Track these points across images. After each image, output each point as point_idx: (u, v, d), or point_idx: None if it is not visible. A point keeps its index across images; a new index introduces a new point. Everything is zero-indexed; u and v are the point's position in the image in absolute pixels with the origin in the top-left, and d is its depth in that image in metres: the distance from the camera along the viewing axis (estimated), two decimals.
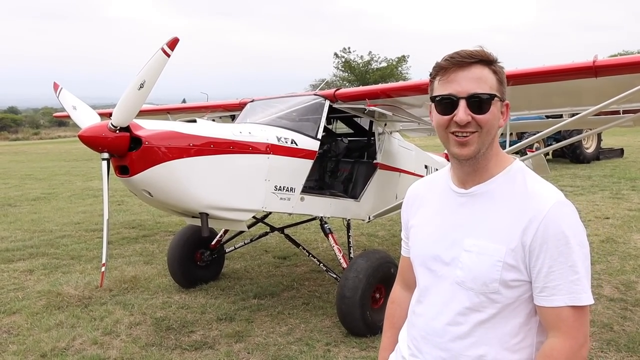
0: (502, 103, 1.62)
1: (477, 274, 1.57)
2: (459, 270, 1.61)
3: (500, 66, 1.60)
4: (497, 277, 1.54)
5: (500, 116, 1.62)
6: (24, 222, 10.36)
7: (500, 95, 1.59)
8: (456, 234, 1.65)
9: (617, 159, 18.91)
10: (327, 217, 5.45)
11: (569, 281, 1.49)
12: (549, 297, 1.51)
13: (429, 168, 7.51)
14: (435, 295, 1.70)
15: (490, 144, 1.61)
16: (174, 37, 3.74)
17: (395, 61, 57.77)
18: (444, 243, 1.67)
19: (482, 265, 1.56)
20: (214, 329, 4.98)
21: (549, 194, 1.56)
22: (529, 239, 1.51)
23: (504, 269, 1.54)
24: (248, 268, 6.96)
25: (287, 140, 4.88)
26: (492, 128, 1.59)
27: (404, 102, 5.57)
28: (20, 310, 5.45)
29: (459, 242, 1.63)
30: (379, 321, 4.76)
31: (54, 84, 5.25)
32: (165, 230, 9.42)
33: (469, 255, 1.60)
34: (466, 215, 1.65)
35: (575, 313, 1.50)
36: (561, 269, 1.49)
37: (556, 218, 1.50)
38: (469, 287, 1.60)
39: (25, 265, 7.18)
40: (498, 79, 1.59)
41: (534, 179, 1.63)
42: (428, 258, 1.72)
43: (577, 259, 1.49)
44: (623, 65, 4.05)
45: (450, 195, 1.71)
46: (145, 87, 3.78)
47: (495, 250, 1.55)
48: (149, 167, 3.99)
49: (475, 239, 1.60)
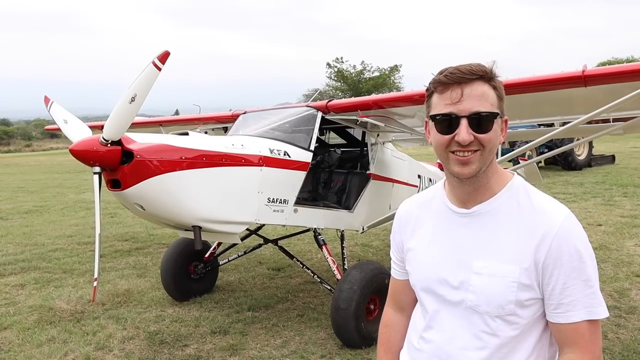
0: (502, 119, 1.58)
1: (491, 296, 1.53)
2: (471, 294, 1.56)
3: (500, 81, 1.56)
4: (513, 299, 1.51)
5: (500, 133, 1.58)
6: (16, 235, 10.29)
7: (501, 111, 1.56)
8: (462, 256, 1.59)
9: (608, 166, 19.04)
10: (321, 228, 5.44)
11: (584, 295, 1.48)
12: (565, 314, 1.50)
13: (422, 178, 7.52)
14: (448, 320, 1.64)
15: (490, 162, 1.58)
16: (165, 50, 3.74)
17: (388, 71, 58.04)
18: (450, 266, 1.62)
19: (496, 288, 1.52)
20: (208, 342, 4.95)
21: (557, 209, 1.54)
22: (543, 256, 1.49)
23: (519, 289, 1.51)
24: (242, 280, 6.93)
25: (279, 152, 4.88)
26: (494, 146, 1.55)
27: (396, 113, 5.59)
28: (12, 326, 5.40)
29: (466, 265, 1.58)
30: (373, 332, 4.74)
31: (45, 97, 5.23)
32: (159, 242, 9.37)
33: (480, 278, 1.55)
34: (471, 236, 1.59)
35: (590, 327, 1.50)
36: (575, 284, 1.48)
37: (568, 233, 1.49)
38: (484, 310, 1.55)
39: (17, 280, 7.12)
40: (498, 95, 1.54)
41: (537, 194, 1.61)
42: (433, 282, 1.66)
43: (590, 273, 1.49)
44: (611, 74, 4.08)
45: (450, 216, 1.66)
46: (137, 101, 3.77)
47: (509, 271, 1.51)
48: (141, 181, 3.97)
49: (484, 260, 1.55)
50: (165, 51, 3.75)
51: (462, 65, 1.53)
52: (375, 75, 57.52)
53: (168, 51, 3.75)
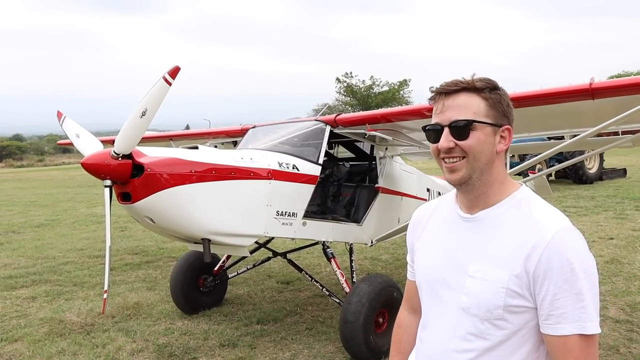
0: (499, 128, 1.60)
1: (481, 300, 1.56)
2: (464, 296, 1.60)
3: (496, 92, 1.60)
4: (501, 304, 1.53)
5: (496, 141, 1.60)
6: (27, 248, 10.37)
7: (492, 120, 1.59)
8: (460, 258, 1.64)
9: (620, 179, 18.89)
10: (330, 241, 5.45)
11: (574, 309, 1.47)
12: (555, 326, 1.49)
13: (431, 191, 7.51)
14: (441, 320, 1.69)
15: (484, 170, 1.61)
16: (175, 65, 3.80)
17: (397, 85, 58.17)
18: (449, 267, 1.66)
19: (486, 292, 1.55)
20: (217, 355, 4.95)
21: (553, 221, 1.54)
22: (533, 266, 1.50)
23: (507, 296, 1.52)
24: (251, 293, 6.94)
25: (288, 166, 4.91)
26: (479, 154, 1.58)
27: (404, 127, 5.60)
28: (23, 338, 5.44)
29: (463, 267, 1.62)
30: (382, 346, 4.73)
31: (58, 112, 5.31)
32: (169, 256, 9.41)
33: (473, 281, 1.59)
34: (471, 239, 1.64)
35: (582, 342, 1.47)
36: (566, 297, 1.47)
37: (560, 245, 1.49)
38: (474, 313, 1.58)
39: (28, 292, 7.17)
40: (489, 104, 1.59)
41: (540, 205, 1.61)
42: (434, 282, 1.72)
43: (582, 287, 1.46)
44: (619, 87, 4.08)
45: (456, 220, 1.71)
46: (147, 115, 3.82)
47: (499, 276, 1.54)
48: (151, 194, 4.02)
49: (479, 264, 1.59)
50: (175, 66, 3.81)
51: (453, 79, 1.63)
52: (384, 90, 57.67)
53: (178, 66, 3.81)
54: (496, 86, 1.61)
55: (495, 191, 1.64)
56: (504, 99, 1.61)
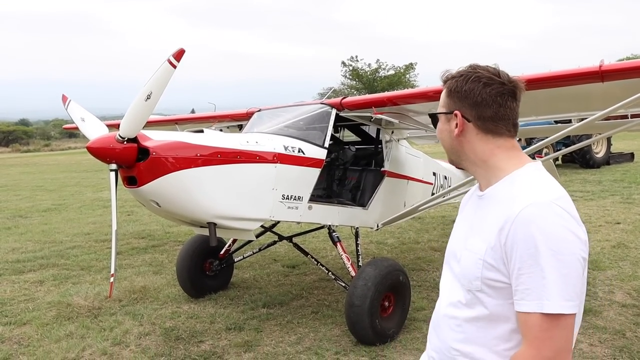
0: (451, 115, 1.72)
1: (466, 270, 1.63)
2: (459, 267, 1.69)
3: (451, 80, 1.71)
4: (479, 275, 1.58)
5: (452, 127, 1.72)
6: (35, 233, 10.44)
7: (446, 108, 1.73)
8: (467, 232, 1.72)
9: (627, 164, 18.77)
10: (336, 225, 5.45)
11: (537, 286, 1.45)
12: (519, 302, 1.49)
13: (437, 175, 7.49)
14: (444, 288, 1.80)
15: (457, 153, 1.75)
16: (180, 48, 3.77)
17: (403, 69, 57.78)
18: (459, 241, 1.75)
19: (468, 262, 1.62)
20: (223, 338, 4.98)
21: (528, 195, 1.52)
22: (504, 240, 1.52)
23: (484, 268, 1.56)
24: (257, 277, 6.96)
25: (294, 149, 4.89)
26: (442, 141, 1.79)
27: (411, 110, 5.56)
28: (31, 321, 5.48)
29: (465, 241, 1.70)
30: (388, 329, 4.75)
31: (63, 96, 5.30)
32: (175, 240, 9.45)
33: (465, 253, 1.66)
34: (476, 215, 1.72)
35: (543, 322, 1.44)
36: (529, 273, 1.46)
37: (525, 219, 1.48)
38: (461, 283, 1.66)
39: (36, 276, 7.22)
40: (446, 93, 1.73)
41: (528, 180, 1.60)
42: (449, 254, 1.81)
43: (545, 264, 1.43)
44: (629, 69, 4.02)
45: (474, 199, 1.79)
46: (152, 98, 3.80)
47: (478, 248, 1.59)
48: (156, 178, 4.01)
49: (473, 238, 1.66)
50: (180, 49, 3.77)
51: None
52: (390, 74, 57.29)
53: (183, 49, 3.78)
54: (455, 75, 1.71)
55: (488, 170, 1.71)
56: (458, 85, 1.68)
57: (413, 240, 8.83)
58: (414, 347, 4.70)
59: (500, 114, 1.66)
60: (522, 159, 1.68)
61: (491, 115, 1.66)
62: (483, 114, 1.66)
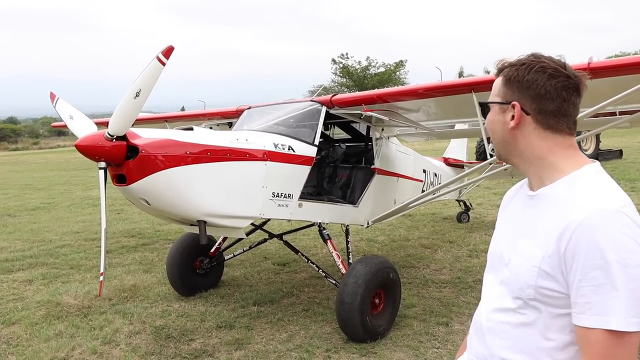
0: (507, 105, 1.58)
1: (517, 277, 1.52)
2: (508, 272, 1.58)
3: (511, 69, 1.57)
4: (533, 284, 1.46)
5: (506, 119, 1.58)
6: (24, 232, 10.36)
7: (501, 98, 1.60)
8: (516, 234, 1.61)
9: (616, 160, 18.90)
10: (326, 223, 5.45)
11: (601, 300, 1.33)
12: (578, 315, 1.38)
13: (427, 172, 7.51)
14: (490, 292, 1.69)
15: (507, 148, 1.63)
16: (169, 45, 3.75)
17: (393, 66, 57.91)
18: (507, 243, 1.64)
19: (521, 269, 1.51)
20: (214, 336, 4.97)
21: (593, 201, 1.41)
22: (563, 247, 1.40)
23: (539, 276, 1.45)
24: (247, 275, 6.95)
25: (284, 147, 4.88)
26: (492, 133, 1.65)
27: (401, 107, 5.57)
28: (20, 321, 5.44)
29: (514, 243, 1.60)
30: (378, 326, 4.76)
31: (51, 94, 5.26)
32: (165, 238, 9.41)
33: (516, 258, 1.56)
34: (527, 216, 1.60)
35: (606, 339, 1.33)
36: (592, 285, 1.34)
37: (591, 228, 1.36)
38: (511, 289, 1.55)
39: (25, 276, 7.17)
40: (503, 82, 1.59)
41: (592, 183, 1.48)
42: (494, 256, 1.71)
43: (615, 277, 1.32)
44: (618, 66, 4.06)
45: (523, 198, 1.68)
46: (141, 96, 3.78)
47: (534, 255, 1.48)
48: (146, 176, 3.99)
49: (525, 241, 1.54)
50: (169, 46, 3.76)
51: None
52: (380, 71, 57.42)
53: (172, 46, 3.76)
54: (514, 63, 1.57)
55: (543, 168, 1.58)
56: (519, 74, 1.54)
57: (403, 238, 8.86)
58: (405, 343, 4.72)
59: (564, 109, 1.54)
60: (581, 160, 1.57)
61: (553, 109, 1.53)
62: (545, 108, 1.53)
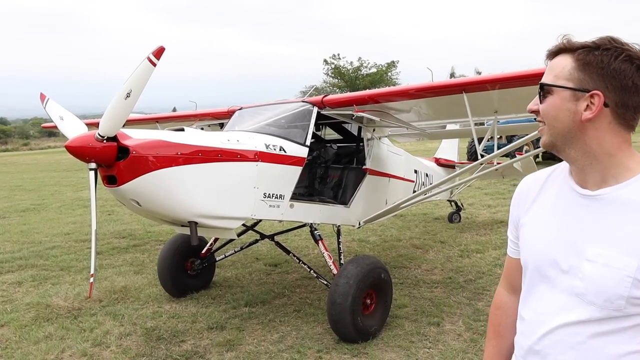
0: (583, 93, 1.39)
1: (601, 288, 1.36)
2: (579, 281, 1.41)
3: (592, 53, 1.39)
4: (625, 294, 1.33)
5: (579, 108, 1.40)
6: (13, 233, 10.28)
7: (574, 84, 1.40)
8: (576, 239, 1.44)
9: None
10: (317, 223, 5.45)
11: None
12: None
13: (418, 173, 7.53)
14: (547, 302, 1.51)
15: (570, 139, 1.44)
16: (160, 46, 3.74)
17: (385, 67, 58.04)
18: (563, 248, 1.47)
19: (608, 280, 1.35)
20: (205, 338, 4.96)
21: None
22: None
23: (633, 286, 1.31)
24: (239, 276, 6.94)
25: (275, 148, 4.88)
26: (553, 120, 1.45)
27: (392, 108, 5.58)
28: (9, 323, 5.40)
29: (580, 250, 1.42)
30: (370, 327, 4.76)
31: (41, 94, 5.23)
32: (156, 239, 9.37)
33: (592, 266, 1.38)
34: (590, 219, 1.43)
35: None
36: None
37: None
38: (590, 300, 1.39)
39: (14, 277, 7.11)
40: (578, 66, 1.40)
41: None
42: (543, 262, 1.52)
43: None
44: None
45: (571, 195, 1.50)
46: (132, 97, 3.77)
47: (625, 264, 1.32)
48: (136, 177, 3.97)
49: (600, 248, 1.38)
50: (160, 47, 3.75)
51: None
52: (372, 72, 57.53)
53: (163, 47, 3.75)
54: (599, 46, 1.38)
55: (610, 166, 1.43)
56: (603, 60, 1.37)
57: (395, 238, 8.87)
58: (396, 344, 4.73)
59: None
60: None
61: (635, 105, 1.38)
62: (628, 102, 1.37)
